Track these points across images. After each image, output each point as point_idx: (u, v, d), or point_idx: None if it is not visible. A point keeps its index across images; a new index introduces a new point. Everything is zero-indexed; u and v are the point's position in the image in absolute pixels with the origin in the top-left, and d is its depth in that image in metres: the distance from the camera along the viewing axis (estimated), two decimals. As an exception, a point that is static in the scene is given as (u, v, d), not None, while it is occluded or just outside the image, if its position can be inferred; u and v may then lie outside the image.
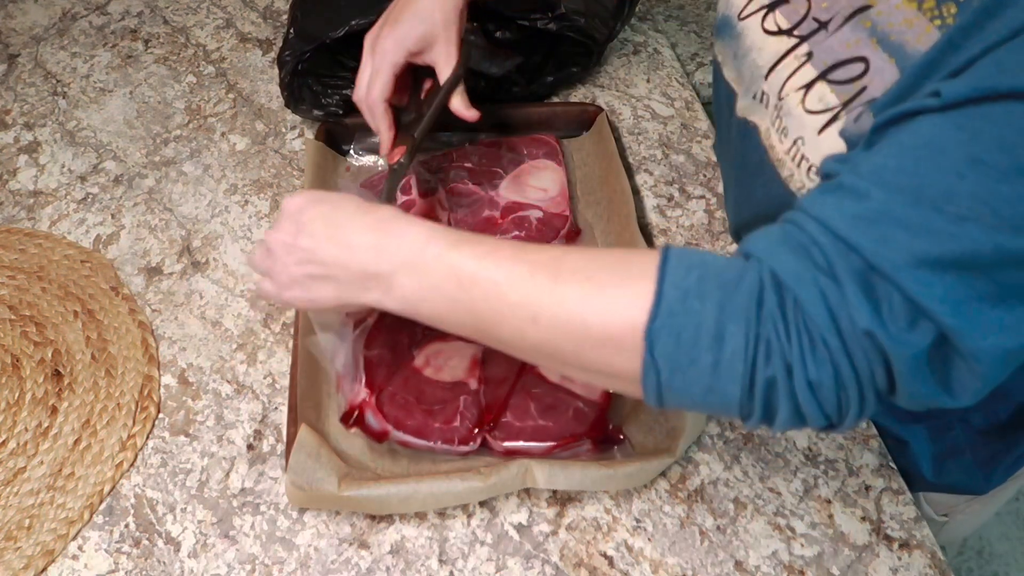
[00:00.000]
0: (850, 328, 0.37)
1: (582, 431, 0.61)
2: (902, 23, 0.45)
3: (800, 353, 0.38)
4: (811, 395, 0.39)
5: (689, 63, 1.00)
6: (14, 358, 0.69)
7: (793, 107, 0.52)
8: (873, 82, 0.46)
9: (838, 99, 0.48)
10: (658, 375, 0.41)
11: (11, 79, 0.94)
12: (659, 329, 0.40)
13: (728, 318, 0.39)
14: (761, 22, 0.56)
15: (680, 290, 0.40)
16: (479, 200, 0.76)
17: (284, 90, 0.82)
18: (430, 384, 0.63)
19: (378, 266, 0.49)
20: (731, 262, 0.41)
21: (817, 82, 0.50)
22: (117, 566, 0.58)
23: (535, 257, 0.46)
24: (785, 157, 0.54)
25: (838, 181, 0.40)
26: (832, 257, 0.38)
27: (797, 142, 0.52)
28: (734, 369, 0.39)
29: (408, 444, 0.60)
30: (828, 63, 0.49)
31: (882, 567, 0.58)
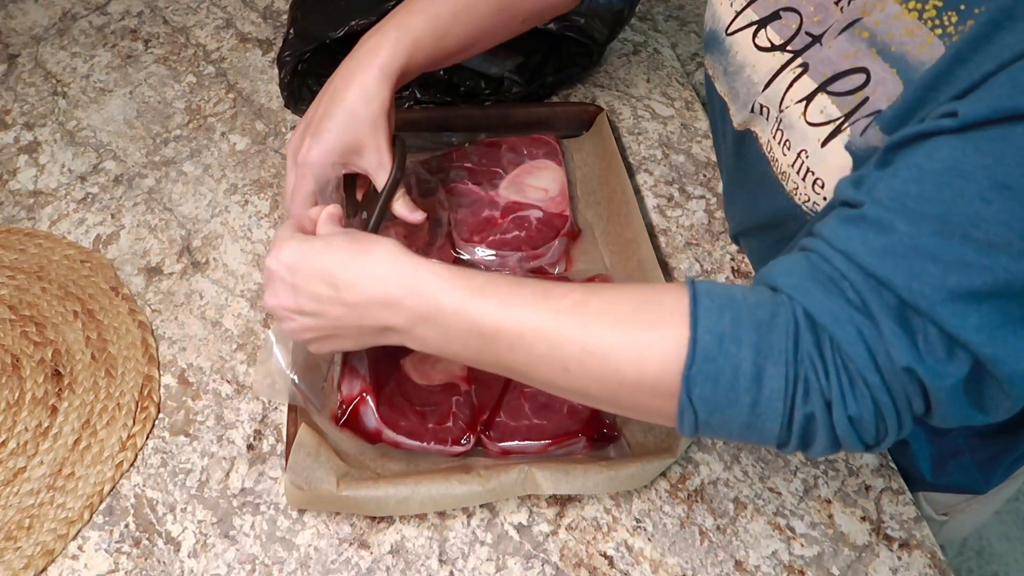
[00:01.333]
0: (889, 364, 0.38)
1: (577, 428, 0.61)
2: (903, 33, 0.44)
3: (840, 390, 0.39)
4: (851, 428, 0.39)
5: (689, 63, 1.00)
6: (14, 358, 0.69)
7: (795, 119, 0.51)
8: (876, 92, 0.46)
9: (840, 111, 0.48)
10: (695, 416, 0.41)
11: (11, 79, 0.94)
12: (696, 375, 0.40)
13: (766, 359, 0.39)
14: (752, 38, 0.56)
15: (715, 334, 0.40)
16: (479, 200, 0.76)
17: (284, 90, 0.82)
18: (421, 387, 0.62)
19: (393, 321, 0.47)
20: (761, 299, 0.41)
21: (817, 94, 0.49)
22: (117, 566, 0.58)
23: (558, 304, 0.44)
24: (789, 170, 0.53)
25: (860, 212, 0.39)
26: (865, 293, 0.38)
27: (801, 155, 0.51)
28: (773, 408, 0.39)
29: (401, 445, 0.60)
30: (827, 74, 0.49)
31: (882, 567, 0.58)
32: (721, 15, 0.59)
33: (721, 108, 0.63)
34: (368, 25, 0.78)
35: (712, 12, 0.61)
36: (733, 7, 0.58)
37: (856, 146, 0.47)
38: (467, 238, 0.73)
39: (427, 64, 0.61)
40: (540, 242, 0.73)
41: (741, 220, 0.70)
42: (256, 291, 0.74)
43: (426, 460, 0.61)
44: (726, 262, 0.75)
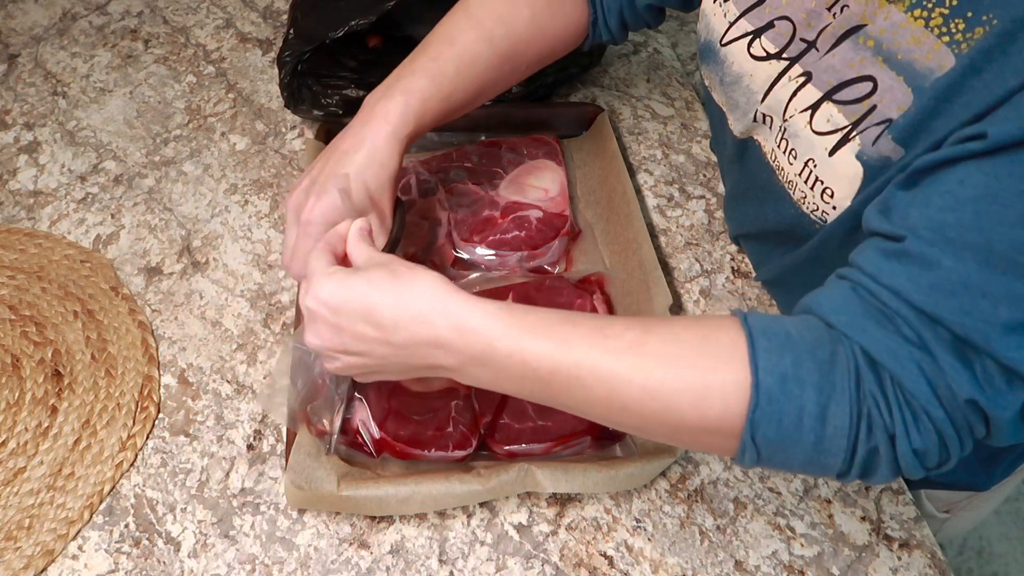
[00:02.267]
0: (951, 397, 0.39)
1: (582, 428, 0.61)
2: (910, 41, 0.44)
3: (903, 425, 0.39)
4: (915, 459, 0.40)
5: (689, 63, 1.00)
6: (14, 358, 0.69)
7: (800, 129, 0.51)
8: (884, 100, 0.45)
9: (847, 119, 0.48)
10: (758, 453, 0.42)
11: (11, 79, 0.94)
12: (760, 417, 0.40)
13: (829, 398, 0.40)
14: (747, 48, 0.56)
15: (776, 375, 0.40)
16: (479, 200, 0.76)
17: (284, 90, 0.82)
18: (419, 396, 0.62)
19: (443, 361, 0.47)
20: (818, 337, 0.41)
21: (823, 103, 0.49)
22: (117, 566, 0.58)
23: (615, 344, 0.43)
24: (797, 179, 0.53)
25: (903, 247, 0.40)
26: (920, 330, 0.38)
27: (808, 164, 0.51)
28: (837, 445, 0.40)
29: (402, 455, 0.60)
30: (832, 83, 0.49)
31: (882, 567, 0.58)
32: (715, 26, 0.59)
33: (720, 116, 0.63)
34: (368, 25, 0.78)
35: (705, 23, 0.61)
36: (727, 18, 0.57)
37: (868, 155, 0.46)
38: (467, 238, 0.73)
39: (434, 123, 0.61)
40: (540, 242, 0.73)
41: (743, 225, 0.70)
42: (256, 291, 0.74)
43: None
44: (726, 262, 0.75)
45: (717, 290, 0.73)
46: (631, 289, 0.69)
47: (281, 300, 0.73)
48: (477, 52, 0.61)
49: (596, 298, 0.69)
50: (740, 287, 0.73)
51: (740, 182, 0.67)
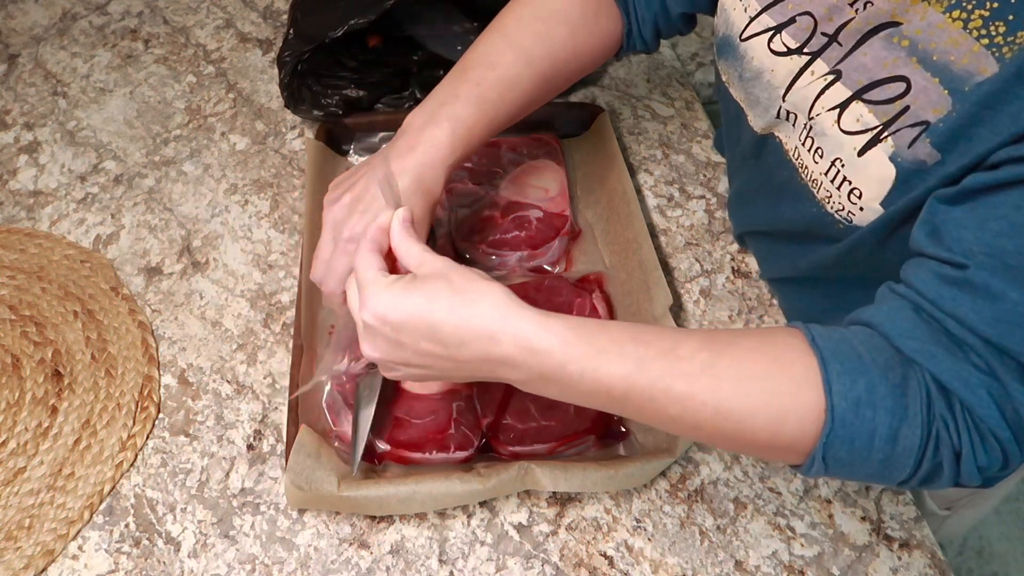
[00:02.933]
0: (1017, 420, 0.41)
1: (586, 428, 0.60)
2: (947, 43, 0.43)
3: (971, 445, 0.41)
4: (978, 473, 0.42)
5: (689, 63, 1.00)
6: (14, 358, 0.69)
7: (827, 127, 0.51)
8: (917, 101, 0.45)
9: (877, 119, 0.47)
10: (825, 469, 0.43)
11: (11, 79, 0.94)
12: (834, 440, 0.41)
13: (901, 422, 0.41)
14: (767, 44, 0.55)
15: (851, 400, 0.41)
16: (479, 200, 0.76)
17: (284, 90, 0.82)
18: (420, 399, 0.62)
19: (511, 376, 0.47)
20: (888, 359, 0.42)
21: (852, 102, 0.49)
22: (117, 566, 0.58)
23: (688, 367, 0.43)
24: (822, 178, 0.52)
25: (964, 275, 0.41)
26: (988, 359, 0.40)
27: (835, 163, 0.51)
28: (904, 463, 0.42)
29: (405, 460, 0.60)
30: (863, 82, 0.48)
31: (882, 567, 0.58)
32: (734, 21, 0.59)
33: (736, 112, 0.63)
34: (368, 24, 0.78)
35: (725, 18, 0.60)
36: (747, 12, 0.57)
37: (903, 158, 0.46)
38: (467, 238, 0.73)
39: (477, 148, 0.62)
40: (540, 242, 0.73)
41: (752, 222, 0.70)
42: (256, 291, 0.74)
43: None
44: (726, 262, 0.75)
45: (717, 290, 0.73)
46: (631, 289, 0.69)
47: (281, 300, 0.73)
48: (518, 74, 0.61)
49: (596, 297, 0.69)
50: (740, 287, 0.73)
51: (753, 179, 0.66)
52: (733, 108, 0.63)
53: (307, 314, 0.67)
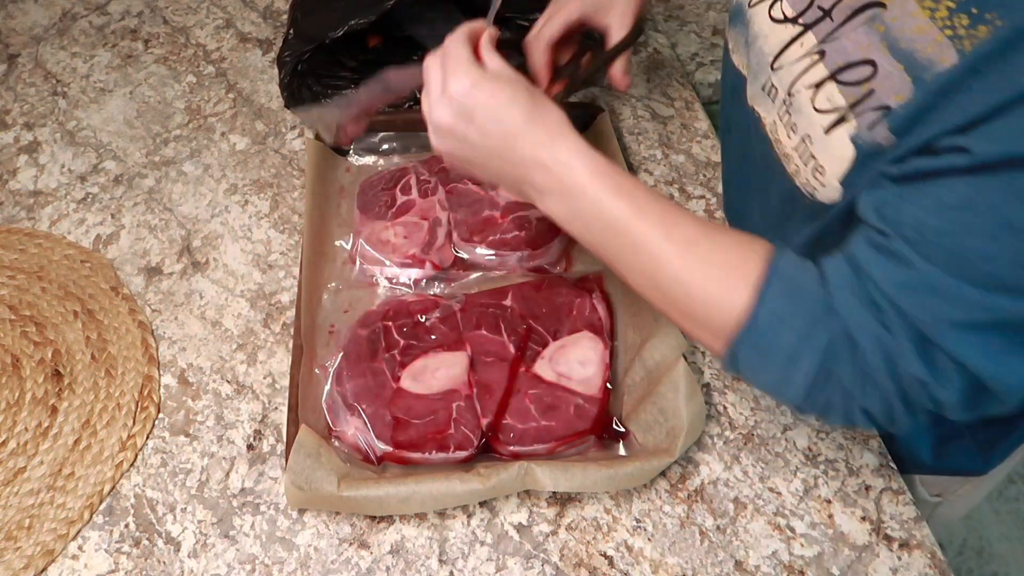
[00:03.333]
0: (901, 373, 0.44)
1: (586, 428, 0.60)
2: (913, 30, 0.45)
3: (860, 389, 0.46)
4: (864, 416, 0.47)
5: (689, 63, 1.00)
6: (14, 358, 0.69)
7: (803, 104, 0.52)
8: (882, 86, 0.46)
9: (845, 100, 0.48)
10: (737, 367, 0.50)
11: (11, 79, 0.94)
12: (745, 338, 0.48)
13: (804, 346, 0.46)
14: (768, 10, 0.56)
15: (773, 315, 0.47)
16: (479, 200, 0.76)
17: (284, 90, 0.82)
18: (420, 399, 0.62)
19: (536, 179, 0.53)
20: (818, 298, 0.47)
21: (827, 82, 0.50)
22: (117, 566, 0.58)
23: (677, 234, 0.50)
24: (792, 153, 0.54)
25: (888, 243, 0.44)
26: (892, 318, 0.44)
27: (805, 140, 0.52)
28: (798, 384, 0.47)
29: (405, 460, 0.60)
30: (840, 64, 0.49)
31: (882, 567, 0.58)
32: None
33: (734, 83, 0.63)
34: (368, 25, 0.78)
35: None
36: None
37: (863, 139, 0.47)
38: (467, 238, 0.73)
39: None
40: (540, 242, 0.73)
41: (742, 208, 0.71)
42: (256, 291, 0.74)
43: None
44: (726, 262, 0.75)
45: (717, 290, 0.73)
46: (631, 289, 0.69)
47: (281, 300, 0.73)
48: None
49: (595, 297, 0.69)
50: (740, 287, 0.73)
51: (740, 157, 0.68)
52: (731, 79, 0.64)
53: (307, 314, 0.67)
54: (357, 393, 0.62)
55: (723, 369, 0.52)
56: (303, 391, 0.63)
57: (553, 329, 0.67)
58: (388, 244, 0.73)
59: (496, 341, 0.66)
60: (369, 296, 0.71)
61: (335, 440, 0.61)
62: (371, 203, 0.76)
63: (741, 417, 0.65)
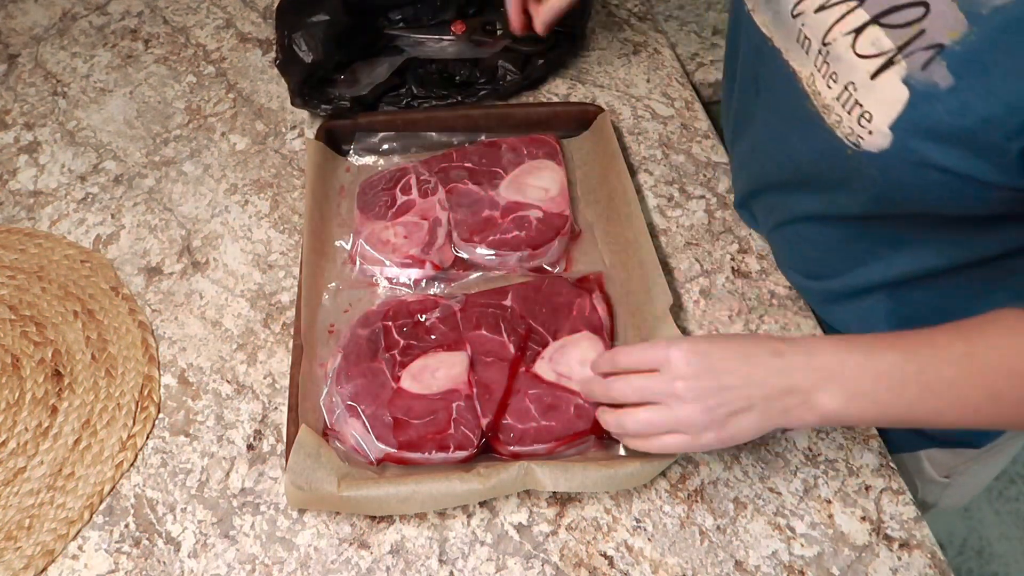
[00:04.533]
0: None
1: (586, 428, 0.60)
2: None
3: None
4: None
5: (689, 63, 1.00)
6: (14, 358, 0.69)
7: (843, 52, 0.51)
8: (934, 24, 0.45)
9: (892, 42, 0.47)
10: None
11: (11, 79, 0.94)
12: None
13: None
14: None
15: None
16: (479, 200, 0.76)
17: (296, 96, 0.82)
18: (420, 399, 0.62)
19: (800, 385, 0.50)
20: None
21: (869, 26, 0.49)
22: (117, 566, 0.58)
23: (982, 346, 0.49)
24: (834, 103, 0.53)
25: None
26: None
27: (848, 87, 0.51)
28: None
29: (404, 461, 0.60)
30: (884, 7, 0.48)
31: (882, 567, 0.58)
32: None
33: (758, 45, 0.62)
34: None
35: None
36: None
37: (916, 80, 0.46)
38: (467, 238, 0.73)
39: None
40: (540, 242, 0.73)
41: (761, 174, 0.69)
42: (256, 291, 0.74)
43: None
44: (726, 262, 0.75)
45: (717, 290, 0.73)
46: (631, 289, 0.69)
47: (281, 300, 0.73)
48: None
49: (596, 297, 0.69)
50: (740, 287, 0.73)
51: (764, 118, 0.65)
52: (755, 41, 0.62)
53: (307, 314, 0.67)
54: (357, 393, 0.62)
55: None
56: (303, 391, 0.63)
57: (553, 329, 0.67)
58: (388, 244, 0.73)
59: (496, 341, 0.66)
60: (369, 296, 0.71)
61: (335, 441, 0.61)
62: (371, 203, 0.76)
63: (741, 417, 0.65)
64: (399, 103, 0.85)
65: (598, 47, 0.96)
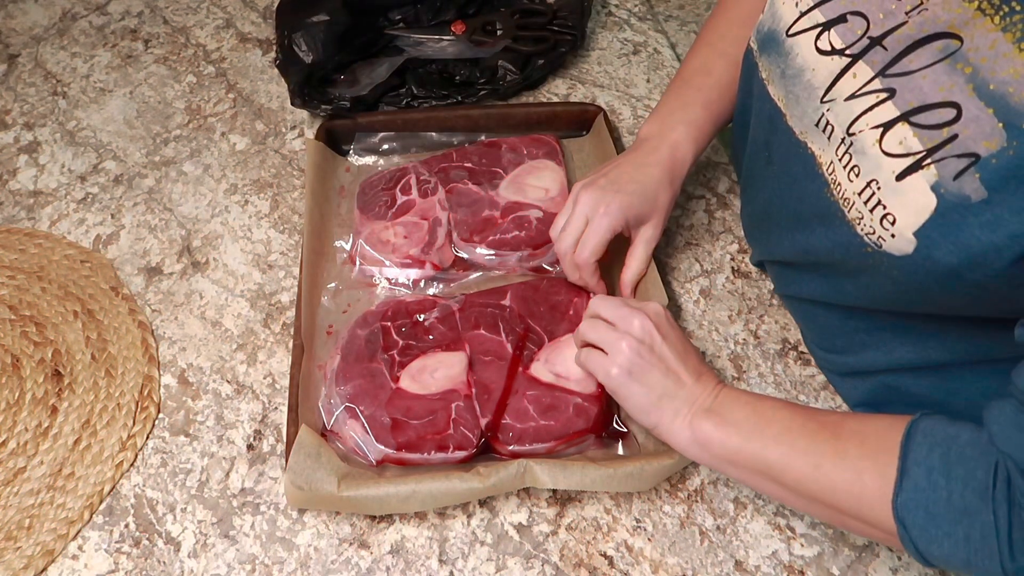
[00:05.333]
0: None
1: (586, 427, 0.60)
2: (1008, 72, 0.41)
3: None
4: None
5: (689, 63, 1.00)
6: (14, 358, 0.69)
7: (868, 146, 0.49)
8: (968, 131, 0.43)
9: (921, 144, 0.45)
10: (915, 545, 0.45)
11: (11, 79, 0.94)
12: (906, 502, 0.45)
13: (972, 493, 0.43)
14: (815, 41, 0.53)
15: (924, 467, 0.45)
16: (479, 200, 0.76)
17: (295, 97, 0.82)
18: (419, 399, 0.62)
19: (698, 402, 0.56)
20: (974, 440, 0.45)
21: (898, 123, 0.47)
22: (117, 566, 0.58)
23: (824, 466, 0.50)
24: (855, 198, 0.50)
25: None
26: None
27: (871, 184, 0.49)
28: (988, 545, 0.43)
29: (404, 462, 0.60)
30: (914, 104, 0.46)
31: (882, 567, 0.58)
32: (783, 15, 0.57)
33: (771, 115, 0.60)
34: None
35: (773, 12, 0.58)
36: (798, 7, 0.55)
37: (946, 189, 0.44)
38: (467, 238, 0.73)
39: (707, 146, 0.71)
40: (540, 242, 0.73)
41: (775, 250, 0.67)
42: (256, 291, 0.74)
43: (426, 460, 0.61)
44: (726, 262, 0.75)
45: (717, 290, 0.73)
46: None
47: (281, 300, 0.73)
48: (731, 76, 0.69)
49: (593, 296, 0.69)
50: (740, 287, 0.73)
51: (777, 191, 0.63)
52: (768, 110, 0.60)
53: (307, 314, 0.67)
54: (355, 394, 0.62)
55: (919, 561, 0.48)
56: (303, 391, 0.63)
57: (550, 329, 0.67)
58: (388, 244, 0.73)
59: (495, 341, 0.66)
60: (368, 296, 0.71)
61: (334, 441, 0.61)
62: (371, 203, 0.76)
63: (741, 417, 0.65)
64: (399, 103, 0.85)
65: (598, 47, 0.96)
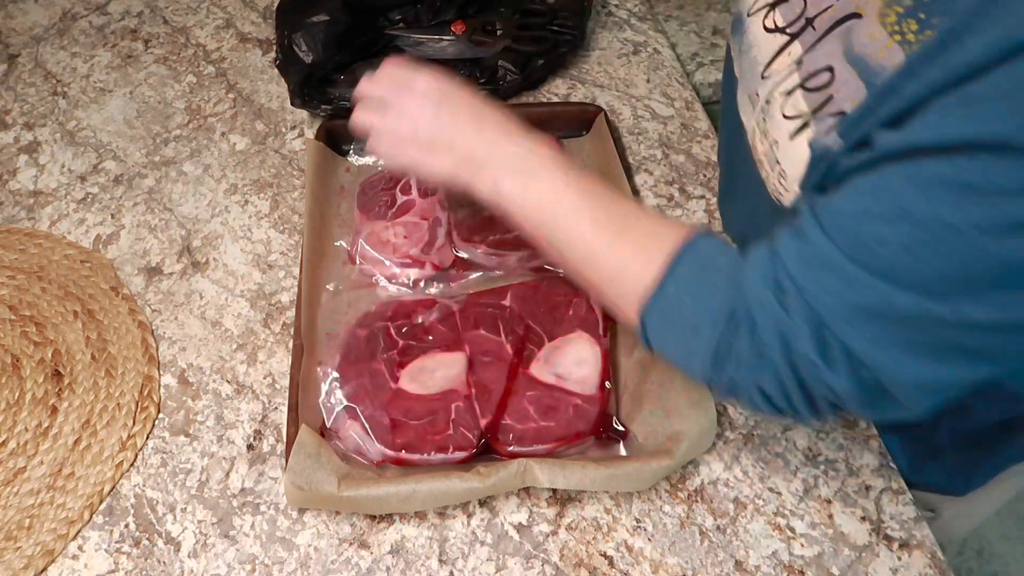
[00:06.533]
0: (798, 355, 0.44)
1: (586, 428, 0.60)
2: (865, 36, 0.45)
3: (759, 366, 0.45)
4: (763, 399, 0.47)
5: (689, 63, 1.00)
6: (14, 358, 0.69)
7: (775, 111, 0.53)
8: (839, 92, 0.47)
9: (808, 106, 0.49)
10: (647, 336, 0.52)
11: (11, 79, 0.94)
12: (652, 306, 0.50)
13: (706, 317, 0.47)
14: (763, 19, 0.57)
15: (680, 285, 0.49)
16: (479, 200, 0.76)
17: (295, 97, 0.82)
18: (419, 399, 0.62)
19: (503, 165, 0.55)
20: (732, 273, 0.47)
21: (796, 89, 0.51)
22: (117, 566, 0.58)
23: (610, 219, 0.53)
24: (763, 158, 0.55)
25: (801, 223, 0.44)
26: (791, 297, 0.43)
27: (773, 146, 0.53)
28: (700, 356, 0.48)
29: (404, 462, 0.60)
30: (809, 71, 0.50)
31: (882, 567, 0.58)
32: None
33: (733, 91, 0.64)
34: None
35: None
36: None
37: (818, 144, 0.48)
38: (467, 238, 0.73)
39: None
40: (540, 242, 0.73)
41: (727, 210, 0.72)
42: (256, 291, 0.74)
43: (426, 460, 0.61)
44: (726, 262, 0.75)
45: (717, 290, 0.73)
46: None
47: (281, 300, 0.73)
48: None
49: (592, 297, 0.69)
50: (740, 287, 0.74)
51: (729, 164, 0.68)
52: (730, 86, 0.64)
53: (307, 314, 0.67)
54: (355, 394, 0.62)
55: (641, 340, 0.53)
56: (303, 391, 0.63)
57: (550, 329, 0.67)
58: (388, 244, 0.73)
59: (494, 341, 0.66)
60: (368, 296, 0.71)
61: (334, 441, 0.61)
62: (371, 203, 0.76)
63: (741, 417, 0.65)
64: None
65: (598, 47, 0.96)
